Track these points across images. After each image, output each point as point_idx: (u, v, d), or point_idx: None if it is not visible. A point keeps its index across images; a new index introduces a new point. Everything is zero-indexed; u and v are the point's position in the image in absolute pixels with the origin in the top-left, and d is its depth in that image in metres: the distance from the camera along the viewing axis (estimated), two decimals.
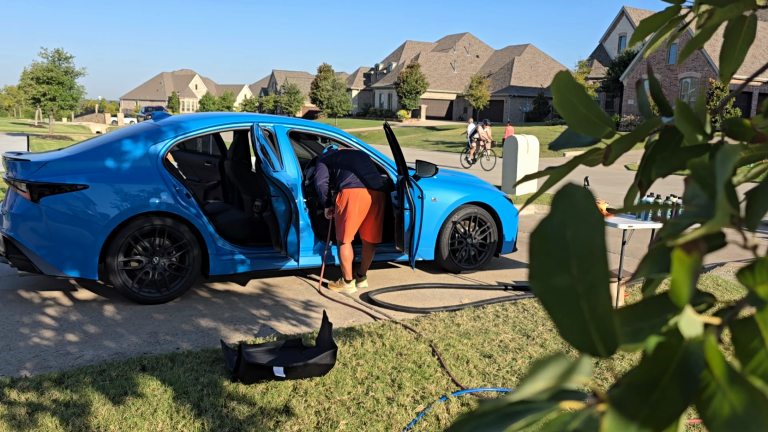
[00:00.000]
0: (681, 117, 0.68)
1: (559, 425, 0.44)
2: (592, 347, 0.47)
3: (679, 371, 0.45)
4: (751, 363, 0.49)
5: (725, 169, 0.51)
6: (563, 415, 0.45)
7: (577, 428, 0.43)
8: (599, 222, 0.47)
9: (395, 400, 3.35)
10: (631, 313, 0.52)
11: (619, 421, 0.43)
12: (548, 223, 0.48)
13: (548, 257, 0.47)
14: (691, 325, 0.47)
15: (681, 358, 0.45)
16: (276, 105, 69.14)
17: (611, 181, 16.80)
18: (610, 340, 0.47)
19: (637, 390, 0.44)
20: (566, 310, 0.47)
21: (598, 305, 0.46)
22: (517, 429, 0.44)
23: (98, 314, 4.62)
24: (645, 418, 0.43)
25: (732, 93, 0.79)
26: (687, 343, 0.45)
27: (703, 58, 32.18)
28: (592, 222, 0.47)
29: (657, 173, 0.78)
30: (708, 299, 0.56)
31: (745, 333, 0.49)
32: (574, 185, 0.48)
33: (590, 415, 0.44)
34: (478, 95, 47.56)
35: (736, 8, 0.84)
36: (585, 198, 0.48)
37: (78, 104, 34.25)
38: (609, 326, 0.47)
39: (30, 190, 4.59)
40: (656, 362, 0.45)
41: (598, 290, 0.46)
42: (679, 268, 0.47)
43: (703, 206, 0.55)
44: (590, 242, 0.46)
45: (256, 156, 4.79)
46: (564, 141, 0.85)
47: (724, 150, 0.53)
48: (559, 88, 0.72)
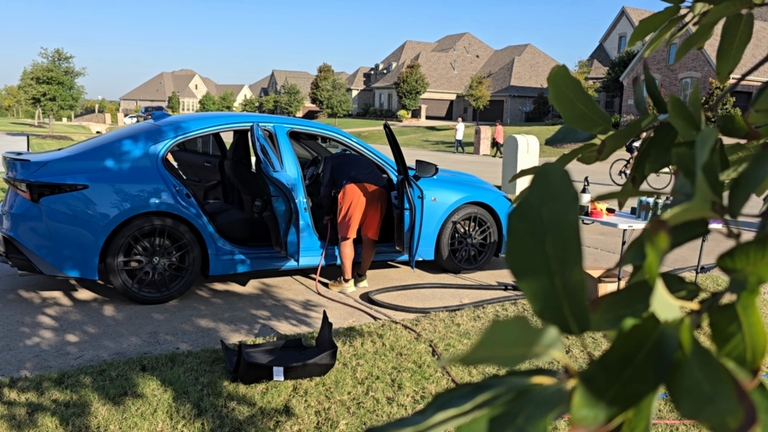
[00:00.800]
0: (675, 113, 0.68)
1: (529, 399, 0.44)
2: (564, 324, 0.48)
3: (653, 351, 0.45)
4: (726, 347, 0.50)
5: (704, 152, 0.51)
6: (533, 387, 0.45)
7: (547, 401, 0.44)
8: (573, 200, 0.48)
9: (395, 400, 3.35)
10: (614, 300, 0.53)
11: (589, 396, 0.43)
12: (526, 202, 0.49)
13: (525, 234, 0.48)
14: (666, 307, 0.48)
15: (656, 339, 0.46)
16: (276, 105, 69.14)
17: (611, 181, 16.80)
18: (582, 317, 0.48)
19: (609, 367, 0.45)
20: (541, 287, 0.48)
21: (571, 282, 0.47)
22: (484, 399, 0.45)
23: (98, 314, 4.62)
24: (615, 395, 0.44)
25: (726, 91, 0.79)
26: (663, 326, 0.46)
27: (703, 57, 32.18)
28: (566, 199, 0.48)
29: (650, 169, 0.78)
30: (690, 287, 0.56)
31: (723, 318, 0.50)
32: (551, 165, 0.49)
33: (560, 389, 0.45)
34: (478, 95, 47.56)
35: (732, 6, 0.84)
36: (560, 178, 0.48)
37: (78, 104, 34.25)
38: (581, 303, 0.48)
39: (30, 190, 4.59)
40: (631, 341, 0.46)
41: (572, 267, 0.47)
42: (650, 250, 0.47)
43: (687, 194, 0.56)
44: (565, 219, 0.47)
45: (256, 156, 4.80)
46: (561, 136, 0.85)
47: (702, 134, 0.53)
48: (556, 83, 0.73)
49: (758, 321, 0.49)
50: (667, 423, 3.20)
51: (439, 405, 0.46)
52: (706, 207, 0.52)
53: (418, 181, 5.75)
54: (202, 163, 7.02)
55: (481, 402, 0.45)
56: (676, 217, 0.52)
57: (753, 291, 0.49)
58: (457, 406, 0.45)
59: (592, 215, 5.33)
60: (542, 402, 0.43)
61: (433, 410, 0.46)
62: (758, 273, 0.48)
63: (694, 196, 0.51)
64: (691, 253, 7.46)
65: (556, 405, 0.43)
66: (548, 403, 0.43)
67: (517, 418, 0.43)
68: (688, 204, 0.50)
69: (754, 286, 0.49)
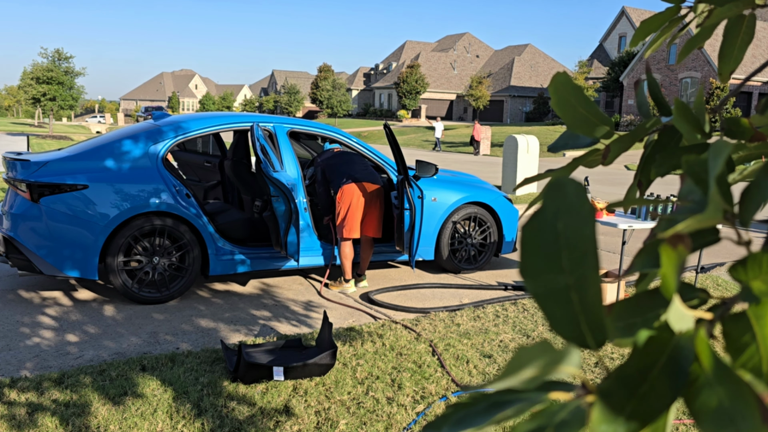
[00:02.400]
0: (679, 116, 0.68)
1: (547, 416, 0.44)
2: (581, 339, 0.48)
3: (668, 364, 0.45)
4: (741, 357, 0.50)
5: (717, 163, 0.51)
6: (551, 405, 0.45)
7: (565, 419, 0.43)
8: (590, 214, 0.47)
9: (395, 400, 3.35)
10: (625, 308, 0.52)
11: (607, 412, 0.43)
12: (540, 215, 0.48)
13: (540, 249, 0.48)
14: (680, 318, 0.47)
15: (671, 352, 0.45)
16: (276, 105, 69.13)
17: (611, 181, 16.80)
18: (599, 332, 0.48)
19: (625, 382, 0.44)
20: (557, 302, 0.48)
21: (588, 297, 0.47)
22: (504, 418, 0.44)
23: (98, 314, 4.62)
24: (632, 411, 0.43)
25: (731, 92, 0.79)
26: (677, 337, 0.46)
27: (703, 58, 32.18)
28: (583, 214, 0.47)
29: (656, 173, 0.78)
30: (701, 295, 0.56)
31: (736, 328, 0.50)
32: (565, 178, 0.49)
33: (578, 406, 0.45)
34: (478, 95, 47.57)
35: (735, 7, 0.84)
36: (576, 190, 0.48)
37: (78, 104, 34.25)
38: (598, 318, 0.47)
39: (30, 190, 4.59)
40: (646, 355, 0.45)
41: (589, 282, 0.47)
42: (667, 262, 0.47)
43: (697, 202, 0.56)
44: (581, 234, 0.47)
45: (256, 156, 4.79)
46: (563, 143, 0.85)
47: (716, 144, 0.53)
48: (558, 90, 0.72)
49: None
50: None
51: (455, 422, 0.46)
52: (718, 216, 0.51)
53: (418, 181, 5.75)
54: (202, 163, 7.02)
55: (501, 419, 0.44)
56: (690, 227, 0.52)
57: (765, 300, 0.49)
58: (475, 426, 0.44)
59: None
60: (563, 422, 0.43)
61: (448, 428, 0.45)
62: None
63: (708, 206, 0.50)
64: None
65: (577, 425, 0.43)
66: (569, 424, 0.43)
67: None
68: (702, 215, 0.50)
69: (766, 296, 0.48)
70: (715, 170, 0.51)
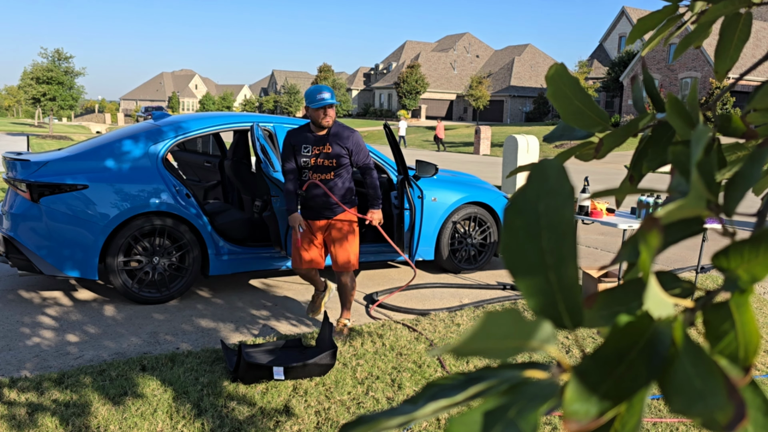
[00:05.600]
0: (672, 112, 0.68)
1: (521, 392, 0.45)
2: (558, 318, 0.49)
3: (646, 348, 0.46)
4: (719, 344, 0.51)
5: (697, 150, 0.52)
6: (525, 381, 0.45)
7: (539, 395, 0.44)
8: (569, 196, 0.48)
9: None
10: (610, 297, 0.53)
11: (582, 391, 0.44)
12: (522, 196, 0.49)
13: (520, 229, 0.49)
14: (659, 305, 0.48)
15: (649, 335, 0.46)
16: (276, 105, 69.14)
17: (611, 181, 16.80)
18: (576, 312, 0.48)
19: (602, 362, 0.45)
20: (535, 281, 0.49)
21: (566, 277, 0.48)
22: (476, 391, 0.45)
23: (98, 314, 4.62)
24: (607, 390, 0.44)
25: (723, 90, 0.79)
26: (657, 323, 0.47)
27: (703, 57, 32.19)
28: (563, 195, 0.48)
29: (648, 167, 0.78)
30: (685, 285, 0.57)
31: (717, 317, 0.51)
32: (548, 160, 0.50)
33: (553, 383, 0.45)
34: (478, 95, 47.57)
35: (731, 5, 0.85)
36: (557, 173, 0.49)
37: (78, 104, 34.27)
38: (575, 298, 0.48)
39: (30, 190, 4.60)
40: (624, 338, 0.46)
41: (566, 262, 0.48)
42: (643, 247, 0.48)
43: (684, 193, 0.56)
44: (560, 215, 0.48)
45: (256, 156, 4.80)
46: (558, 133, 0.85)
47: (696, 131, 0.54)
48: (554, 80, 0.73)
49: (751, 319, 0.49)
50: (668, 422, 3.20)
51: (431, 395, 0.47)
52: (701, 205, 0.52)
53: (418, 181, 5.75)
54: (202, 163, 7.02)
55: (474, 393, 0.45)
56: (670, 215, 0.52)
57: (747, 289, 0.49)
58: (448, 397, 0.45)
59: (592, 215, 5.33)
60: (534, 395, 0.44)
61: (425, 400, 0.46)
62: (752, 271, 0.49)
63: (689, 193, 0.51)
64: (691, 253, 7.47)
65: (548, 399, 0.43)
66: (540, 397, 0.43)
67: (509, 411, 0.43)
68: (682, 201, 0.51)
69: (747, 285, 0.49)
70: (696, 156, 0.51)
